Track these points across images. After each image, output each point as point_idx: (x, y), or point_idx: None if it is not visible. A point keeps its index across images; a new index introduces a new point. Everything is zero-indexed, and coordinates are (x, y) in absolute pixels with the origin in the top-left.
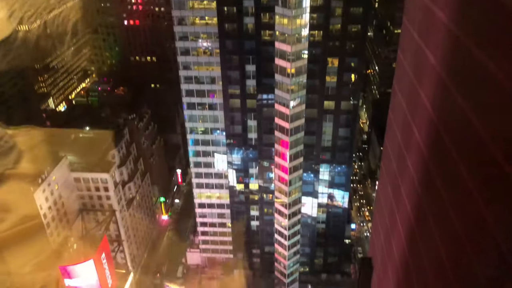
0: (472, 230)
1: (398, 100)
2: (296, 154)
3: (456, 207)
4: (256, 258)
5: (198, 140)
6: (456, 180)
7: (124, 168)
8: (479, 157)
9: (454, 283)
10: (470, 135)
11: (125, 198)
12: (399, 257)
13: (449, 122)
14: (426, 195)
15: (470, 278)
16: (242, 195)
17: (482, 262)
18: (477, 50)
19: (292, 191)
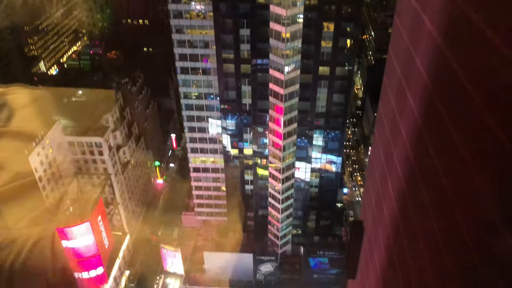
0: (463, 198)
1: (393, 66)
2: (290, 120)
3: (448, 174)
4: (250, 221)
5: (192, 105)
6: (449, 148)
7: (118, 132)
8: (473, 125)
9: (444, 249)
10: (464, 103)
11: (120, 162)
12: (390, 221)
13: (443, 89)
14: (418, 162)
15: (460, 245)
16: (236, 160)
17: (472, 230)
18: (474, 15)
19: (286, 156)
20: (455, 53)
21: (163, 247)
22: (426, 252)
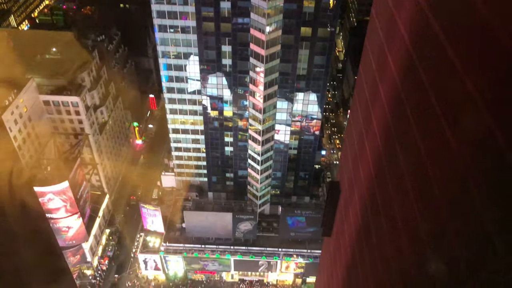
0: (436, 155)
1: (375, 27)
2: (271, 82)
3: (422, 133)
4: (230, 182)
5: (170, 65)
6: (425, 108)
7: (95, 92)
8: (449, 85)
9: (416, 206)
10: (443, 63)
11: (98, 122)
12: (366, 181)
13: (423, 50)
14: (394, 122)
15: (432, 202)
16: (216, 122)
17: (443, 187)
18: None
19: (266, 118)
20: (436, 13)
21: (143, 206)
22: (400, 211)
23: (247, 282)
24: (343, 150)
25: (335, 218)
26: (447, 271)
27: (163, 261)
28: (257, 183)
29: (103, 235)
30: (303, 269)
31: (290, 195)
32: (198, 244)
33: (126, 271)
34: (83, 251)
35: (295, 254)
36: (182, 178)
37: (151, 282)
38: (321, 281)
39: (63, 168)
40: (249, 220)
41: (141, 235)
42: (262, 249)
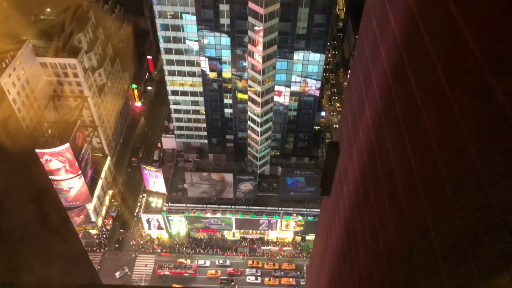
0: (435, 114)
1: None
2: (270, 42)
3: (422, 94)
4: (230, 143)
5: (167, 25)
6: (426, 68)
7: (92, 53)
8: (451, 43)
9: (415, 165)
10: (445, 21)
11: (96, 85)
12: (365, 141)
13: (425, 9)
14: (395, 83)
15: (430, 162)
16: (215, 83)
17: (442, 146)
18: None
19: (265, 80)
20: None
21: (145, 168)
22: (399, 171)
23: (248, 240)
24: (343, 110)
25: (334, 178)
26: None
27: (166, 220)
28: (257, 145)
29: (106, 196)
30: (302, 227)
31: (290, 156)
32: (200, 204)
33: (130, 230)
34: (87, 212)
35: (294, 213)
36: (182, 140)
37: (154, 240)
38: (320, 238)
39: (63, 131)
40: (250, 181)
41: (144, 196)
42: (262, 208)
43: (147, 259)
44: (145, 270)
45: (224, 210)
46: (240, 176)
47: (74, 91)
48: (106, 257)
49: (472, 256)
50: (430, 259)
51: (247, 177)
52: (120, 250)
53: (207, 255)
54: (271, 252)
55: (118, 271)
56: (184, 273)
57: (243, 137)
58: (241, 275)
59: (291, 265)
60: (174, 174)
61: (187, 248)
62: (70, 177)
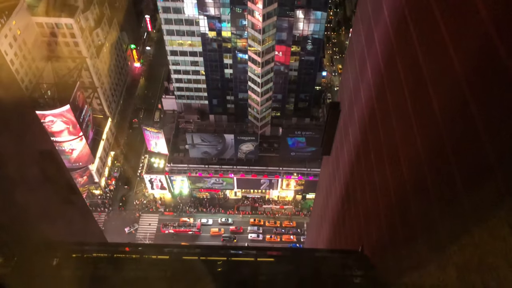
0: (437, 73)
1: None
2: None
3: (425, 51)
4: (231, 104)
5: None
6: (429, 25)
7: (89, 13)
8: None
9: (415, 126)
10: None
11: (94, 45)
12: (366, 101)
13: None
14: (397, 41)
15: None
16: (214, 43)
17: (444, 105)
18: None
19: (266, 39)
20: None
21: (146, 129)
22: (399, 129)
23: (250, 199)
24: (344, 70)
25: (334, 138)
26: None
27: (168, 181)
28: (258, 106)
29: (108, 157)
30: (303, 186)
31: (291, 116)
32: (202, 165)
33: (133, 190)
34: (90, 173)
35: (295, 172)
36: (182, 101)
37: (157, 200)
38: (320, 197)
39: (63, 92)
40: (251, 141)
41: (146, 157)
42: (263, 168)
43: (150, 218)
44: (149, 229)
45: (226, 171)
46: (241, 137)
47: (72, 52)
48: (111, 216)
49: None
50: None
51: (248, 138)
52: (125, 208)
53: (210, 214)
54: (272, 210)
55: (127, 227)
56: (188, 231)
57: (243, 98)
58: (243, 232)
59: (292, 223)
60: (175, 135)
61: (189, 207)
62: (71, 138)
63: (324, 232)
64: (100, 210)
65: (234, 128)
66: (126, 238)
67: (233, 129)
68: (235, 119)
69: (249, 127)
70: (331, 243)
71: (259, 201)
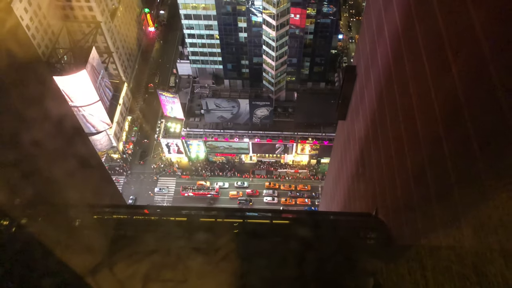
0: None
1: None
2: None
3: (445, 13)
4: (245, 69)
5: None
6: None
7: None
8: None
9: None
10: None
11: (108, 9)
12: (383, 65)
13: None
14: (416, 3)
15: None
16: (228, 6)
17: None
18: None
19: (281, 1)
20: None
21: (161, 93)
22: (416, 93)
23: (265, 163)
24: (361, 33)
25: (350, 102)
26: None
27: (185, 145)
28: (273, 70)
29: (125, 121)
30: (317, 151)
31: (306, 81)
32: (217, 130)
33: (151, 154)
34: (108, 137)
35: (310, 137)
36: (197, 65)
37: (174, 164)
38: (335, 161)
39: (79, 57)
40: (266, 106)
41: (162, 121)
42: (278, 133)
43: (168, 181)
44: (167, 192)
45: (241, 135)
46: (256, 102)
47: (86, 17)
48: (129, 179)
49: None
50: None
51: (263, 102)
52: (144, 162)
53: (226, 177)
54: (287, 174)
55: (157, 187)
56: (207, 194)
57: (258, 63)
58: (259, 196)
59: (307, 187)
60: (190, 100)
61: (206, 171)
62: (89, 103)
63: (338, 196)
64: (119, 173)
65: (249, 93)
66: (146, 199)
67: (248, 94)
68: (250, 84)
69: (264, 92)
70: (346, 207)
71: (274, 165)
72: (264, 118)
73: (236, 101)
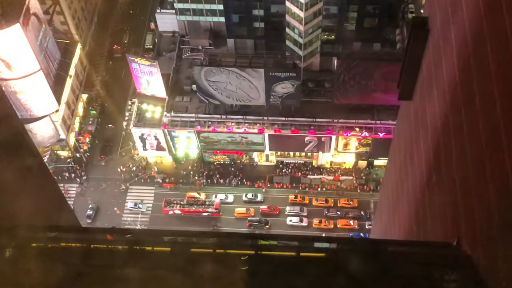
0: None
1: None
2: None
3: None
4: (259, 23)
5: None
6: None
7: None
8: None
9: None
10: None
11: None
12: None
13: None
14: None
15: None
16: None
17: None
18: None
19: None
20: None
21: (133, 60)
22: None
23: (289, 166)
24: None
25: (419, 74)
26: None
27: (168, 137)
28: (301, 25)
29: (78, 102)
30: (369, 147)
31: (351, 41)
32: (217, 115)
33: (117, 152)
34: (53, 126)
35: (357, 126)
36: (187, 17)
37: (152, 166)
38: (395, 163)
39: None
40: (290, 80)
41: (134, 102)
42: (309, 120)
43: (143, 191)
44: (143, 209)
45: (252, 123)
46: (276, 73)
47: None
48: (85, 188)
49: None
50: None
51: (285, 74)
52: (108, 158)
53: (229, 187)
54: (323, 183)
55: (129, 202)
56: (202, 212)
57: (279, 13)
58: (280, 215)
59: (352, 202)
60: (176, 70)
61: (199, 177)
62: (24, 74)
63: (401, 216)
64: (69, 179)
65: (264, 59)
66: (109, 219)
67: (263, 61)
68: (266, 45)
69: (287, 58)
70: (412, 232)
71: (302, 170)
72: (287, 98)
73: (245, 72)
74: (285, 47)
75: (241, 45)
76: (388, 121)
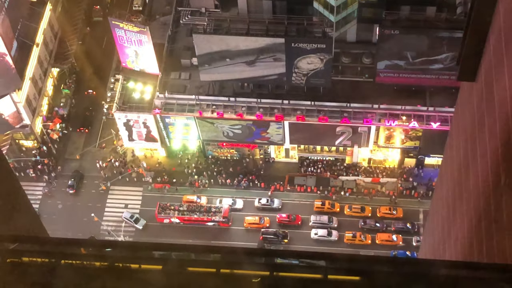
0: None
1: None
2: None
3: None
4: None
5: None
6: None
7: None
8: None
9: None
10: None
11: None
12: None
13: None
14: None
15: None
16: None
17: None
18: None
19: None
20: None
21: (117, 24)
22: None
23: (317, 163)
24: None
25: (485, 48)
26: None
27: (161, 125)
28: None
29: (47, 78)
30: (418, 141)
31: (397, 4)
32: (223, 97)
33: (96, 143)
34: (15, 108)
35: (404, 114)
36: None
37: (140, 161)
38: (452, 162)
39: None
40: (318, 53)
41: (118, 79)
42: (341, 104)
43: (127, 194)
44: (125, 214)
45: (268, 108)
46: (299, 44)
47: None
48: (55, 189)
49: None
50: None
51: (312, 45)
52: (89, 131)
53: (238, 190)
54: (358, 186)
55: (125, 212)
56: (207, 221)
57: None
58: (302, 226)
59: (396, 211)
60: (172, 39)
61: (200, 175)
62: None
63: (458, 230)
64: (35, 176)
65: (285, 26)
66: (84, 228)
67: (285, 27)
68: (287, 8)
69: (314, 25)
70: (473, 252)
71: (332, 169)
72: (313, 76)
73: (260, 41)
74: (312, 11)
75: (256, 7)
76: (443, 108)
